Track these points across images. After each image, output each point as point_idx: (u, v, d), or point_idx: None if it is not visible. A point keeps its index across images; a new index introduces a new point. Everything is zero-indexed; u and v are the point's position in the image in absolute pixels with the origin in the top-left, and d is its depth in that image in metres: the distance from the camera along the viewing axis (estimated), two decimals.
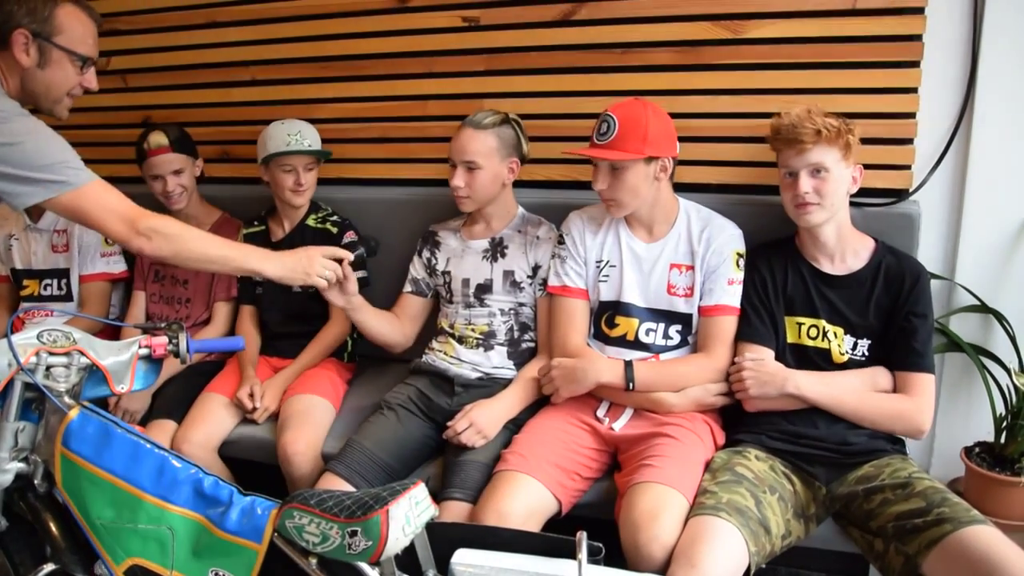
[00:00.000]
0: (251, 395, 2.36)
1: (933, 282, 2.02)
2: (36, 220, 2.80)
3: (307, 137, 2.47)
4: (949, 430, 2.30)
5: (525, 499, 1.83)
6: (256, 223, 2.65)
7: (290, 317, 2.58)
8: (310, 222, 2.57)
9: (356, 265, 2.50)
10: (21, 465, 1.57)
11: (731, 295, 2.03)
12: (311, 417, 2.28)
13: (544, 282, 2.24)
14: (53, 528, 1.62)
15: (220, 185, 2.90)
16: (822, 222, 1.95)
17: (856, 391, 1.92)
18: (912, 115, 2.20)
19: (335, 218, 2.58)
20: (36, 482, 1.58)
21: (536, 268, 2.27)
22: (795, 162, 1.92)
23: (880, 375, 1.94)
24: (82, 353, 1.61)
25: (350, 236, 2.54)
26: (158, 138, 2.56)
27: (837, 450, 1.87)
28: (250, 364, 2.48)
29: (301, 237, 2.55)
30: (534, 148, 2.38)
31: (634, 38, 2.39)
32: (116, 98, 3.11)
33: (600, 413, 2.07)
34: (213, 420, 2.34)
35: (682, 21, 2.33)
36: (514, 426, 2.11)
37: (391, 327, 2.35)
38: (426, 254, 2.43)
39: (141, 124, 3.02)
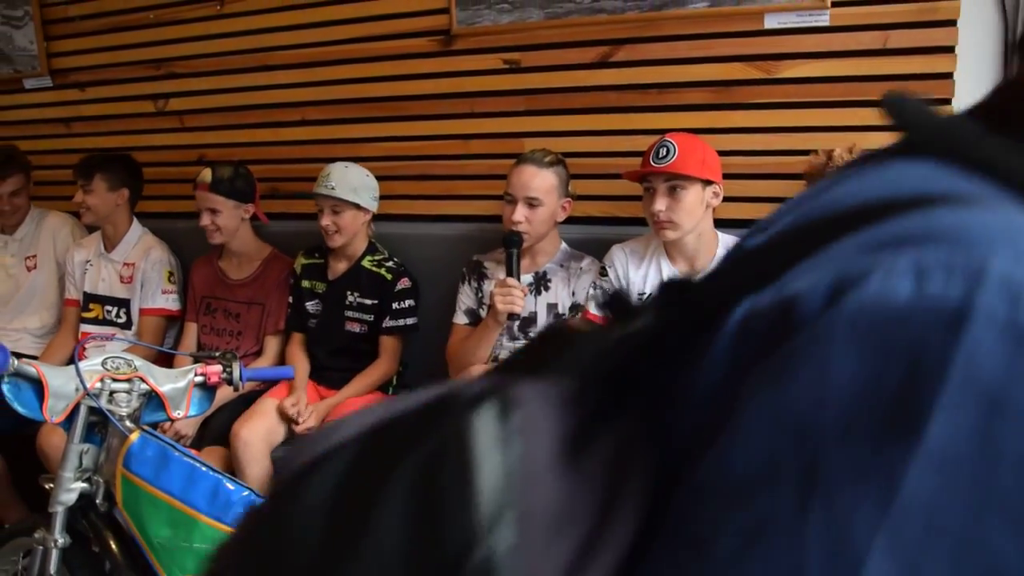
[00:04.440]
0: (294, 405, 2.44)
1: None
2: (110, 250, 2.96)
3: (333, 180, 2.49)
4: None
5: None
6: (316, 255, 2.71)
7: (338, 352, 2.64)
8: (366, 263, 2.62)
9: (405, 312, 2.56)
10: (84, 485, 1.65)
11: None
12: None
13: (576, 307, 2.30)
14: (113, 546, 1.68)
15: (271, 221, 2.98)
16: None
17: None
18: None
19: (391, 264, 2.62)
20: (98, 502, 1.65)
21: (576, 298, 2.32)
22: None
23: None
24: (142, 380, 1.69)
25: (404, 283, 2.59)
26: (204, 175, 2.65)
27: None
28: (300, 380, 2.55)
29: (356, 277, 2.61)
30: (575, 186, 2.44)
31: (670, 78, 2.45)
32: (173, 137, 3.24)
33: None
34: (270, 418, 2.41)
35: (716, 62, 2.39)
36: None
37: None
38: (474, 284, 2.48)
39: (197, 162, 3.15)
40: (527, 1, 2.54)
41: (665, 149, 2.07)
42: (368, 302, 2.59)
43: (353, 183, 2.51)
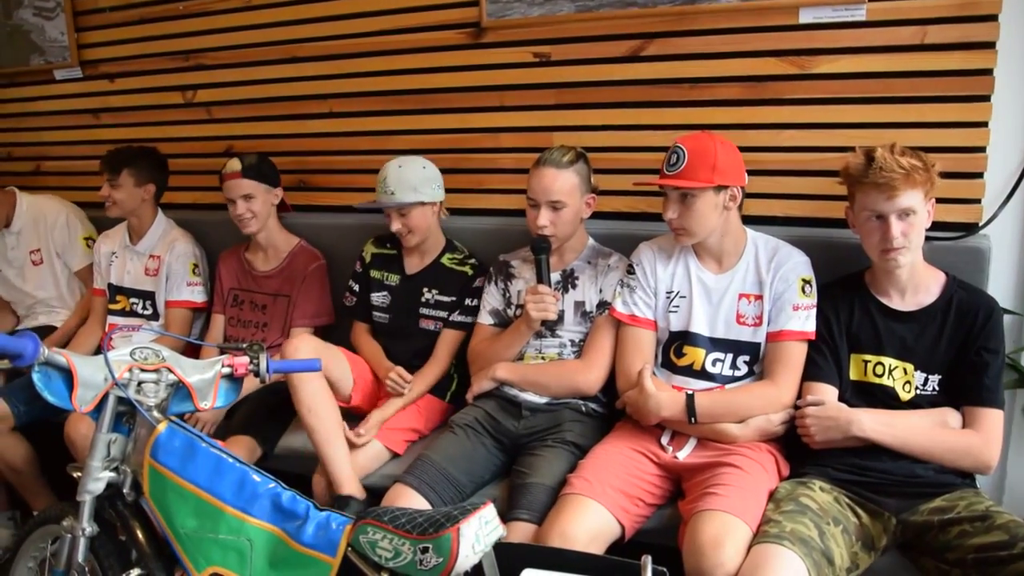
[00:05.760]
0: (398, 376, 2.43)
1: (1004, 317, 2.00)
2: (135, 242, 2.97)
3: (391, 184, 2.44)
4: (1021, 468, 2.26)
5: (589, 522, 1.86)
6: (388, 245, 2.66)
7: (414, 352, 2.56)
8: (445, 260, 2.58)
9: (474, 311, 2.51)
10: (112, 474, 1.65)
11: (796, 320, 2.03)
12: (353, 463, 2.29)
13: (603, 304, 2.28)
14: (140, 535, 1.70)
15: (297, 213, 3.00)
16: (908, 263, 1.94)
17: (922, 430, 1.89)
18: (982, 149, 2.18)
19: (473, 261, 2.58)
20: (125, 491, 1.66)
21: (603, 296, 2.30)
22: (885, 206, 1.88)
23: (950, 416, 1.92)
24: (170, 370, 1.69)
25: (480, 282, 2.53)
26: (232, 164, 2.68)
27: (905, 482, 1.86)
28: (381, 359, 2.54)
29: (435, 274, 2.58)
30: (604, 180, 2.43)
31: (702, 73, 2.43)
32: (201, 129, 3.27)
33: (664, 441, 2.09)
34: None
35: (750, 57, 2.36)
36: (579, 451, 2.14)
37: None
38: (501, 284, 2.46)
39: (224, 153, 3.16)
40: None
41: (675, 156, 2.05)
42: (447, 299, 2.55)
43: (412, 181, 2.45)
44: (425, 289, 2.57)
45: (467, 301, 2.53)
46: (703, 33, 2.41)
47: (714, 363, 2.11)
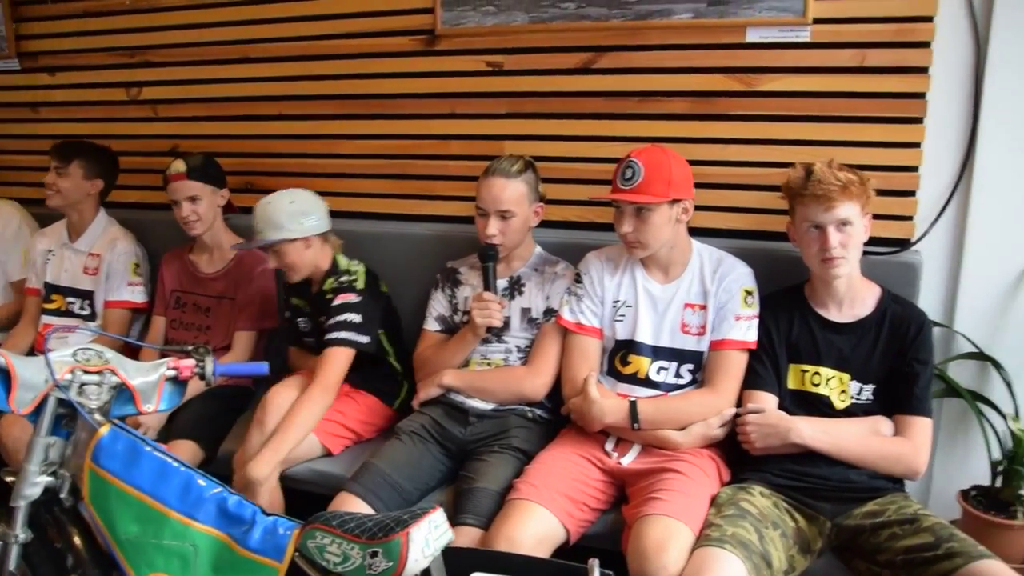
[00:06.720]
0: None
1: (933, 329, 2.08)
2: (74, 239, 2.90)
3: (259, 223, 2.37)
4: (946, 473, 2.34)
5: (535, 527, 1.88)
6: None
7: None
8: (326, 287, 2.47)
9: (340, 326, 2.36)
10: (49, 479, 1.60)
11: (738, 330, 2.09)
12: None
13: (549, 311, 2.30)
14: (77, 541, 1.65)
15: (244, 215, 2.94)
16: (847, 274, 2.01)
17: (856, 437, 1.96)
18: (915, 168, 2.27)
19: (335, 285, 2.44)
20: (62, 496, 1.61)
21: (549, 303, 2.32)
22: (823, 217, 1.96)
23: (882, 424, 1.99)
24: (113, 372, 1.66)
25: (342, 298, 2.40)
26: (177, 165, 2.63)
27: (840, 487, 1.93)
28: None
29: (319, 301, 2.48)
30: (554, 190, 2.45)
31: (652, 87, 2.47)
32: (146, 127, 3.21)
33: (608, 447, 2.13)
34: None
35: (698, 73, 2.42)
36: (525, 457, 2.16)
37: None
38: (448, 290, 2.47)
39: (169, 152, 3.10)
40: (512, 4, 2.54)
41: (631, 170, 2.08)
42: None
43: (277, 219, 2.35)
44: (322, 317, 2.46)
45: (329, 321, 2.39)
46: (653, 48, 2.45)
47: (659, 371, 2.15)
